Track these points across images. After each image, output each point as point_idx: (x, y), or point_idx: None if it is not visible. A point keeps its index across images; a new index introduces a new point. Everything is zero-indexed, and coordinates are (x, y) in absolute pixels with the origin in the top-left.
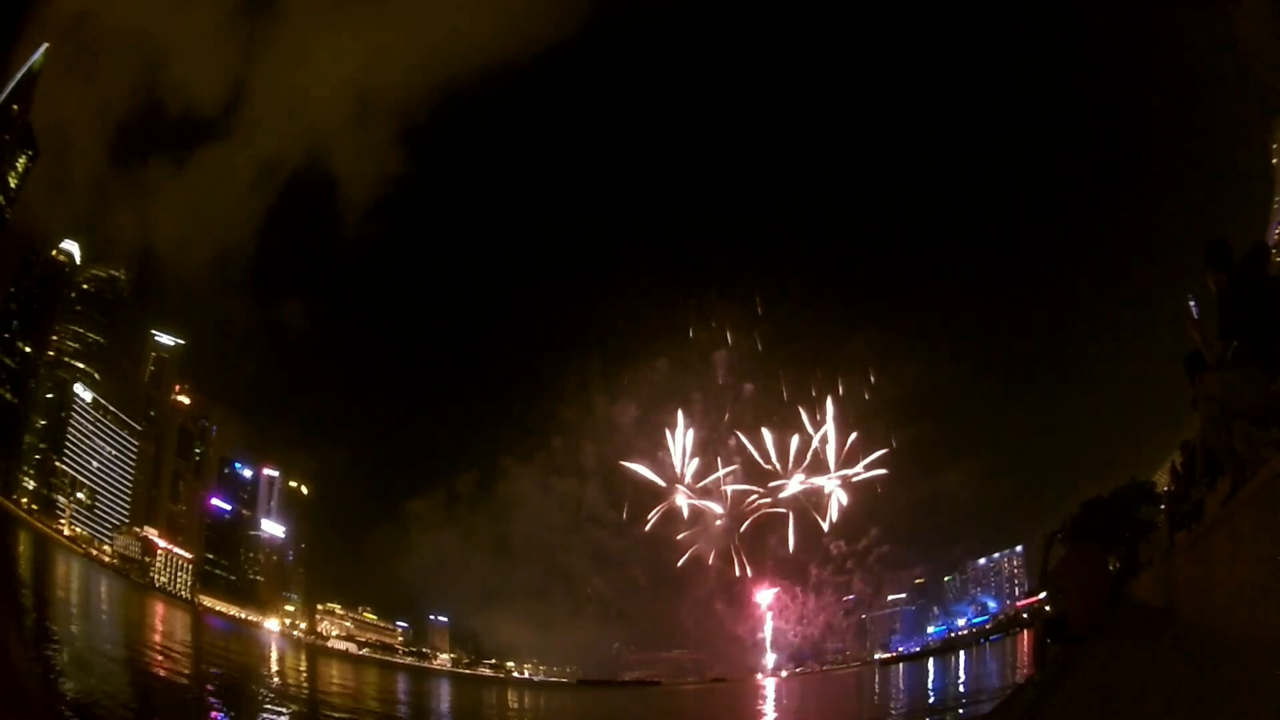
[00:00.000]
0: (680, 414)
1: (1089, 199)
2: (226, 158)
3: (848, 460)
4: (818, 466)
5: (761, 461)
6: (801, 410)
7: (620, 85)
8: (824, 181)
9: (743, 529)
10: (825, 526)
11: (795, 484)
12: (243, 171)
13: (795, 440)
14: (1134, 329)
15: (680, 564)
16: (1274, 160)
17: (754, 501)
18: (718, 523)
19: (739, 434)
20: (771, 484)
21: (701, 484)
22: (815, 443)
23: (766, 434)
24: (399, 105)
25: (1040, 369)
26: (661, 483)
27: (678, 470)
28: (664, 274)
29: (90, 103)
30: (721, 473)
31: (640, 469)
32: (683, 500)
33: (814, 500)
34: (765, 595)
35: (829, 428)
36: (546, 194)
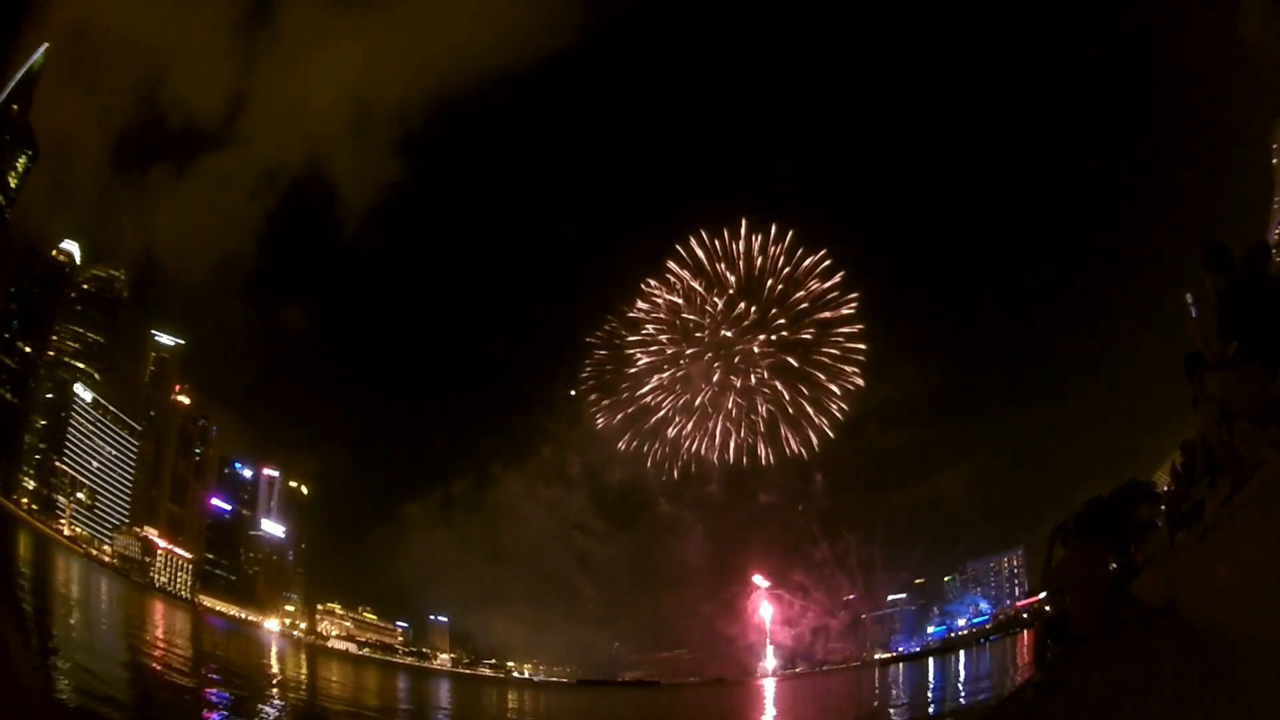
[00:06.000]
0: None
1: (1089, 198)
2: (227, 164)
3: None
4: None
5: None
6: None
7: (616, 92)
8: (821, 183)
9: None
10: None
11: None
12: (243, 178)
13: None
14: (1134, 329)
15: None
16: (1274, 160)
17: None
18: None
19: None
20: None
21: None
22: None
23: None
24: (396, 114)
25: (1040, 369)
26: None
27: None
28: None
29: (92, 109)
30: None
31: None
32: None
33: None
34: (762, 595)
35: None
36: (543, 202)
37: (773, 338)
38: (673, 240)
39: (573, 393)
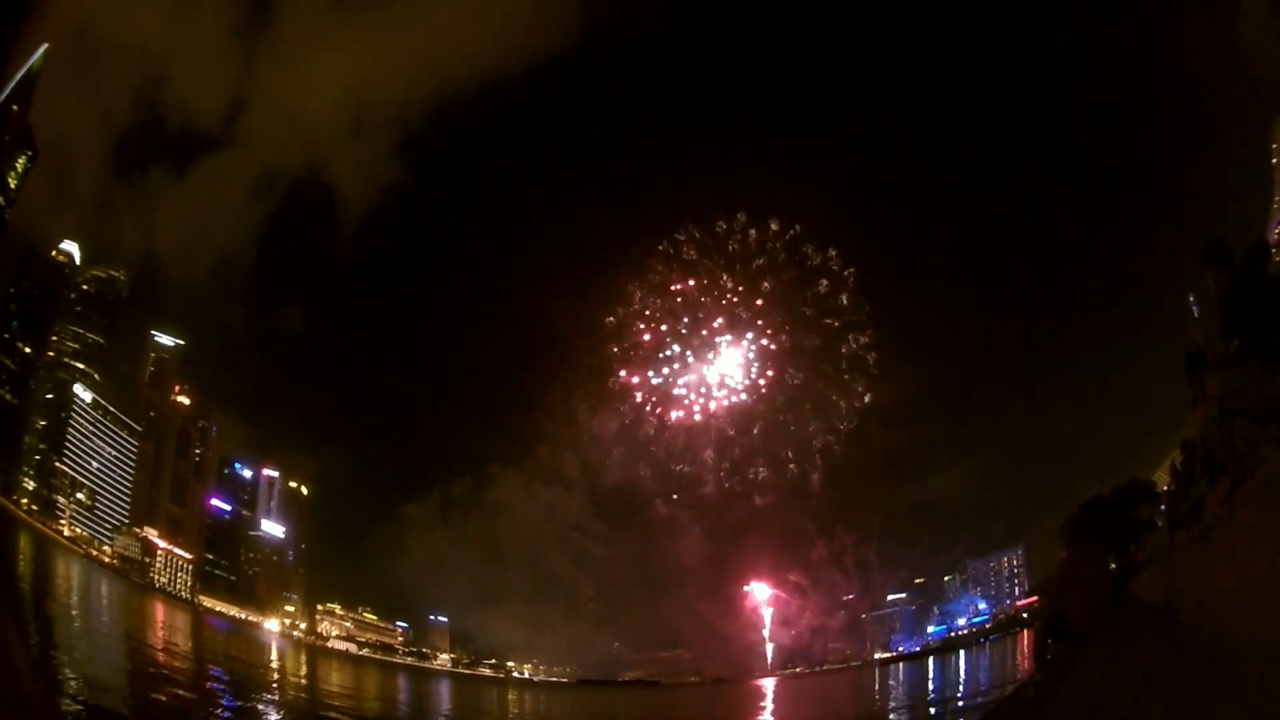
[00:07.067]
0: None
1: (1088, 197)
2: (227, 165)
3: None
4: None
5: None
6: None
7: (616, 94)
8: (819, 180)
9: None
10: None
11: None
12: (243, 179)
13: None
14: (1134, 327)
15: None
16: (1274, 160)
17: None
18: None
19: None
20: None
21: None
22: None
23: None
24: (396, 116)
25: (1040, 368)
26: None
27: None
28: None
29: (91, 109)
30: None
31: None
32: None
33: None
34: (761, 595)
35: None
36: (542, 204)
37: (772, 346)
38: (673, 240)
39: (571, 394)
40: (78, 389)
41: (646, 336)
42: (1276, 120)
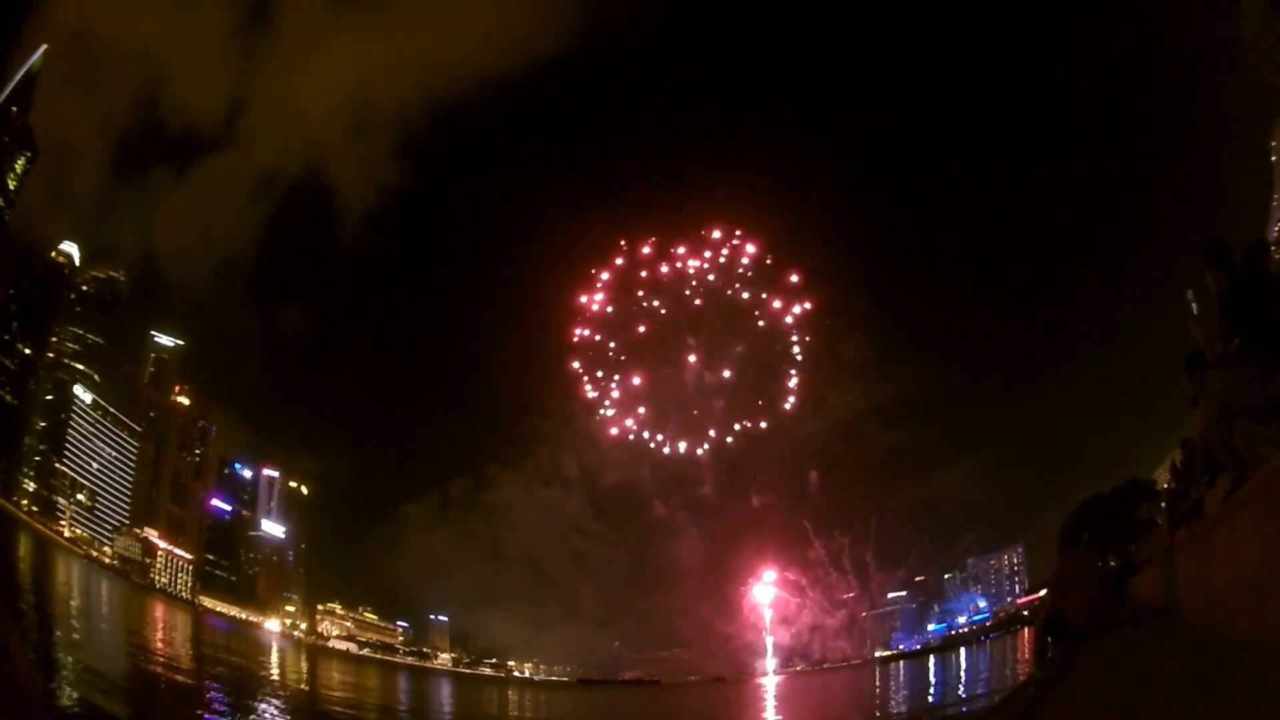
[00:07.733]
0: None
1: (1089, 197)
2: (226, 166)
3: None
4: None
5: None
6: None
7: (616, 95)
8: (818, 183)
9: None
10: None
11: None
12: (242, 180)
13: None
14: (1134, 327)
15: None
16: (1274, 160)
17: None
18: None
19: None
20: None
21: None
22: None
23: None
24: (396, 116)
25: (1040, 367)
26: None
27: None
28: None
29: (91, 110)
30: None
31: None
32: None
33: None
34: (763, 594)
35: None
36: (541, 205)
37: (777, 348)
38: (673, 240)
39: (571, 394)
40: (78, 390)
41: (643, 328)
42: (1276, 120)
